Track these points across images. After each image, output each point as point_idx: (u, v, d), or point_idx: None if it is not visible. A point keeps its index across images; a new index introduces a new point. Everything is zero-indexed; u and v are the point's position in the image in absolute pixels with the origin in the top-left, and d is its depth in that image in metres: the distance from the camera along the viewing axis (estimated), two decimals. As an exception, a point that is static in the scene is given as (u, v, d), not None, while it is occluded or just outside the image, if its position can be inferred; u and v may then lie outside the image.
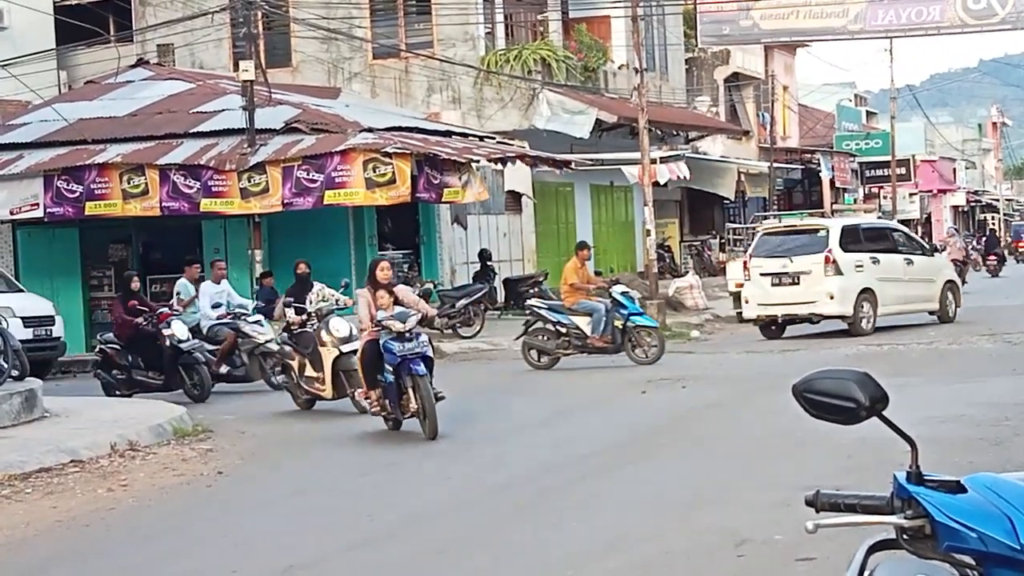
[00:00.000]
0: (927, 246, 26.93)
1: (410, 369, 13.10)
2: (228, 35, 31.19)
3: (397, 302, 13.70)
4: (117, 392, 18.07)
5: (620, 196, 38.42)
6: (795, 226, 25.43)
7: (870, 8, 34.19)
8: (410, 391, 13.19)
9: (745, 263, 24.11)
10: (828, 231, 23.39)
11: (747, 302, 23.58)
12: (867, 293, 22.90)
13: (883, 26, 35.03)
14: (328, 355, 15.48)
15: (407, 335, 13.21)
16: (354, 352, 14.65)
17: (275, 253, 25.34)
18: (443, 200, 25.54)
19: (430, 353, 13.47)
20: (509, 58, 32.40)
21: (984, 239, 54.10)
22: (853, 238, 23.28)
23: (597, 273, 25.54)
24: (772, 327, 23.40)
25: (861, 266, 23.07)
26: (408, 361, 13.12)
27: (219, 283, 19.66)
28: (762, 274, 23.09)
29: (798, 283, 22.66)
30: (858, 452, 10.59)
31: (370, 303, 13.66)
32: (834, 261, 22.62)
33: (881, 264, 23.40)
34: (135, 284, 19.23)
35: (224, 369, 18.43)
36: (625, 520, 9.16)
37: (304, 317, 16.40)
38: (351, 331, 15.42)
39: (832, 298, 22.43)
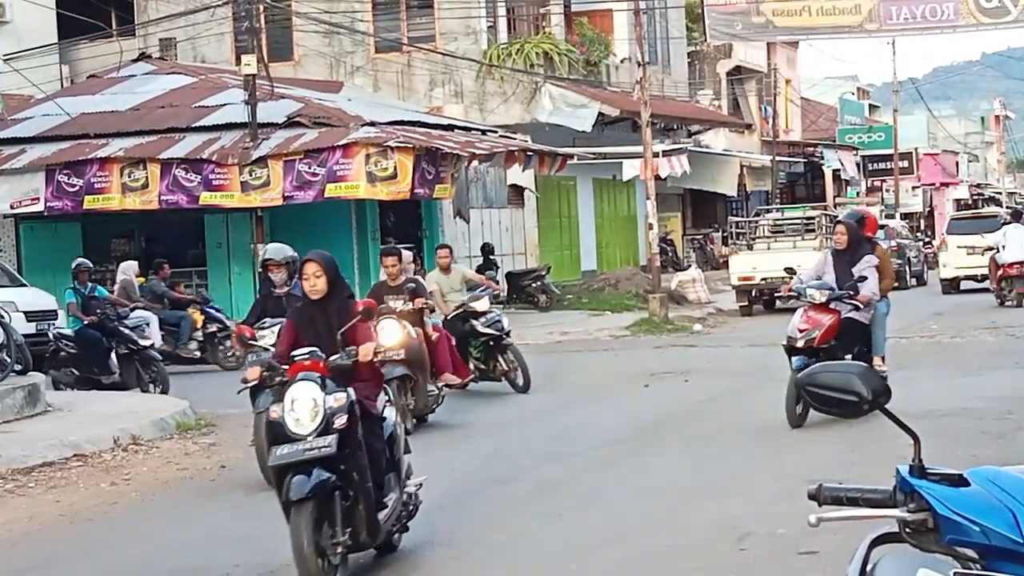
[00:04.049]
0: None
1: None
2: (230, 29, 31.17)
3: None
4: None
5: (622, 190, 38.41)
6: (979, 213, 37.82)
7: (883, 5, 34.12)
8: None
9: (942, 238, 33.04)
10: (1006, 215, 32.71)
11: (945, 266, 31.99)
12: None
13: (899, 24, 34.96)
14: None
15: None
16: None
17: (277, 247, 25.34)
18: (434, 196, 25.49)
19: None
20: (511, 52, 32.39)
21: None
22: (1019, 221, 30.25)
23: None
24: (954, 285, 31.41)
25: None
26: None
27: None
28: (958, 247, 31.11)
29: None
30: (861, 445, 10.59)
31: None
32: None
33: None
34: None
35: None
36: (628, 513, 9.17)
37: None
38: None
39: None
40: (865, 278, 12.47)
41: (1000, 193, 77.51)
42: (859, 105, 65.61)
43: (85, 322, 18.13)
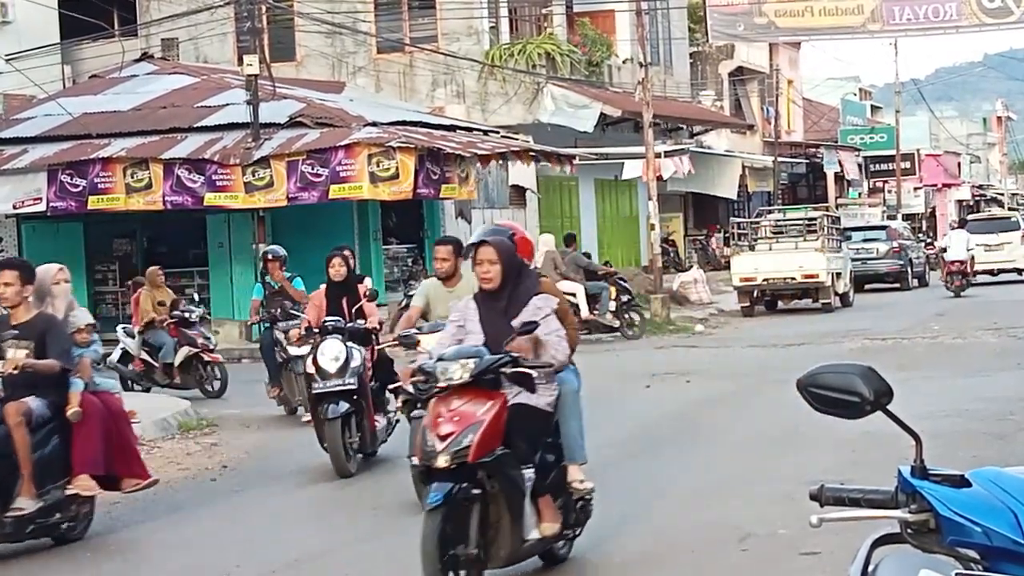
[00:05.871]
0: None
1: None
2: (232, 29, 31.18)
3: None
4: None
5: (624, 190, 38.39)
6: (993, 215, 44.58)
7: (885, 6, 34.12)
8: None
9: None
10: (1018, 218, 40.13)
11: None
12: None
13: (902, 25, 34.99)
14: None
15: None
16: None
17: (279, 247, 25.33)
18: (441, 196, 25.49)
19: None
20: (513, 52, 32.38)
21: None
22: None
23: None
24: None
25: None
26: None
27: None
28: (976, 244, 34.90)
29: (1002, 249, 37.41)
30: (862, 446, 10.59)
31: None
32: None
33: None
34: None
35: None
36: (628, 513, 9.16)
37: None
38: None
39: None
40: (535, 324, 7.32)
41: (1002, 194, 77.46)
42: (861, 106, 65.57)
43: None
